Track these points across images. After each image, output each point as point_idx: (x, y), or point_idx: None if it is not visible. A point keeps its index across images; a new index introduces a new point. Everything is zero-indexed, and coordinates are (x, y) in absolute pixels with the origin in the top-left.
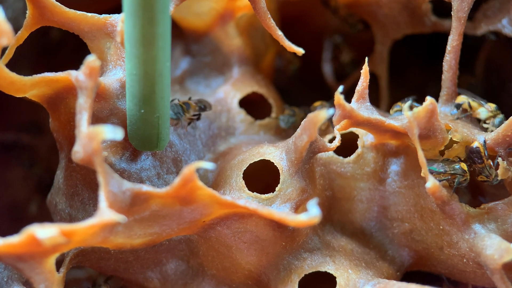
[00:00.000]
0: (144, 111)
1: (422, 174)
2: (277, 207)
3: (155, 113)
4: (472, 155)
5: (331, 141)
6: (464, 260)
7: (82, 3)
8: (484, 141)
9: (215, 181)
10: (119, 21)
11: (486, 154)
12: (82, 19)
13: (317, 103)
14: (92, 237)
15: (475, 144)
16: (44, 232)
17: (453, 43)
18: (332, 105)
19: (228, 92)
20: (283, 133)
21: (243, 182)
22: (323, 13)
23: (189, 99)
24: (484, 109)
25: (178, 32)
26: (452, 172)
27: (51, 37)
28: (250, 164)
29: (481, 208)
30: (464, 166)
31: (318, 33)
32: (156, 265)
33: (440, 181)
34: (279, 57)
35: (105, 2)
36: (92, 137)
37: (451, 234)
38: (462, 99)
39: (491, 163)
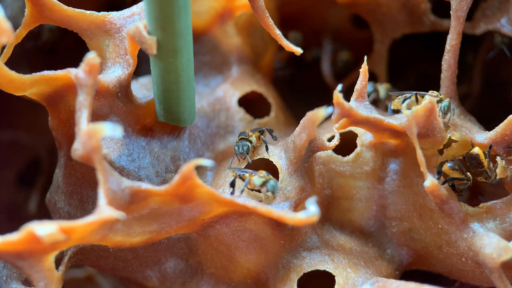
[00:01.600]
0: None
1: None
2: (276, 206)
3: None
4: (472, 161)
5: (330, 140)
6: (463, 259)
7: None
8: (490, 147)
9: (214, 179)
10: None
11: (488, 158)
12: (80, 17)
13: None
14: (91, 234)
15: (475, 151)
16: (43, 229)
17: (452, 42)
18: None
19: (227, 91)
20: (282, 132)
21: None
22: (321, 13)
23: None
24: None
25: None
26: (462, 174)
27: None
28: (249, 163)
29: (480, 207)
30: (469, 175)
31: (317, 33)
32: (155, 263)
33: (448, 179)
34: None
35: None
36: (92, 135)
37: (450, 233)
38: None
39: (491, 166)
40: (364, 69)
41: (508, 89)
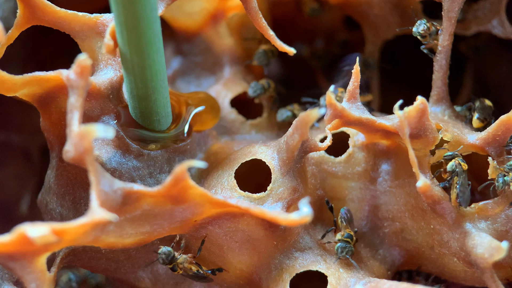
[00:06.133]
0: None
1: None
2: (269, 206)
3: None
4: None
5: (322, 140)
6: (455, 259)
7: (73, 2)
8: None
9: (207, 180)
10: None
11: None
12: (73, 19)
13: None
14: (83, 236)
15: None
16: (35, 231)
17: (443, 43)
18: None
19: (219, 92)
20: (274, 133)
21: (235, 181)
22: None
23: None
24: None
25: (170, 32)
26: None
27: None
28: (242, 164)
29: (471, 208)
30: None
31: (310, 33)
32: (147, 264)
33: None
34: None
35: (96, 1)
36: (83, 136)
37: (442, 233)
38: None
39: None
40: (356, 70)
41: (499, 90)
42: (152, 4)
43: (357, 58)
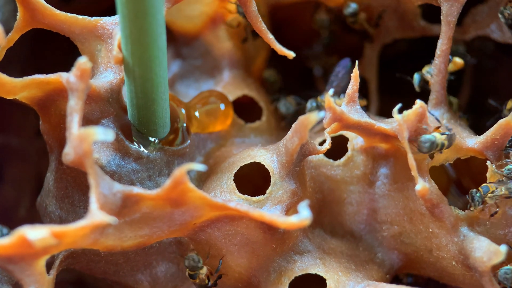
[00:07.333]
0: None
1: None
2: (268, 210)
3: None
4: None
5: (321, 144)
6: (453, 263)
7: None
8: None
9: (206, 183)
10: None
11: None
12: (73, 22)
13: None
14: (82, 238)
15: None
16: (35, 234)
17: (442, 47)
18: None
19: None
20: (273, 136)
21: (234, 184)
22: (312, 17)
23: None
24: None
25: (169, 35)
26: None
27: None
28: (241, 167)
29: (470, 211)
30: None
31: (309, 37)
32: (146, 267)
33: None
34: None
35: (103, 2)
36: (83, 139)
37: (440, 237)
38: None
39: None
40: (355, 73)
41: (497, 94)
42: (159, 20)
43: (356, 62)
